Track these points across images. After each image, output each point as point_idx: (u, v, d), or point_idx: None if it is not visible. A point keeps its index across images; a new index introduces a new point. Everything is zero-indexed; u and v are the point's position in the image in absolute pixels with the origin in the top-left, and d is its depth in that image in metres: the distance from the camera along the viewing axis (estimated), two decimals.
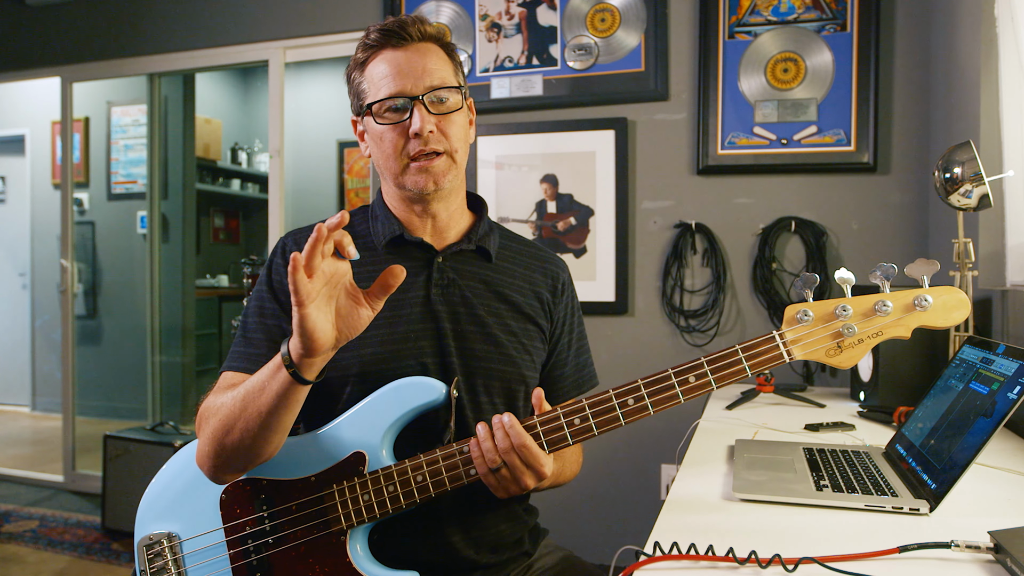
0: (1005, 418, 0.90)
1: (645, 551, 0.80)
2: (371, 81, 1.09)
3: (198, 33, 3.18)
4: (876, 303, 0.93)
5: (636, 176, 2.51)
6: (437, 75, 1.09)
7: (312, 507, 1.02)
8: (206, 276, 5.32)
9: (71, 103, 3.63)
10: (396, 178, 1.10)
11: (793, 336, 0.95)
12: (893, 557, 0.78)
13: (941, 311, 0.93)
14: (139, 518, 1.10)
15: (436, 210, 1.14)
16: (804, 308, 0.95)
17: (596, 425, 0.97)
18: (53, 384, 5.17)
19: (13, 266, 5.69)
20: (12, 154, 5.55)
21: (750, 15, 2.37)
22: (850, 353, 0.94)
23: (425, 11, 2.70)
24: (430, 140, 1.07)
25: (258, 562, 1.03)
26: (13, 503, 3.42)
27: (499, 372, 1.12)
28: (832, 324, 0.94)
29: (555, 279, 1.23)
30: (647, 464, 2.48)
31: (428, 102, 1.07)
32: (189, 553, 1.06)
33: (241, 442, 0.96)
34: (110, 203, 4.68)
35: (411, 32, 1.09)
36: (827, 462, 1.14)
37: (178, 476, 1.10)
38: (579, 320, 1.28)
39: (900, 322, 0.93)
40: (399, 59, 1.08)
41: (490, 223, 1.22)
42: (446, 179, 1.09)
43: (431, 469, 1.00)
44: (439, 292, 1.12)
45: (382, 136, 1.09)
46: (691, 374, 0.95)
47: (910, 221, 2.27)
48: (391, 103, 1.07)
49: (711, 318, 2.42)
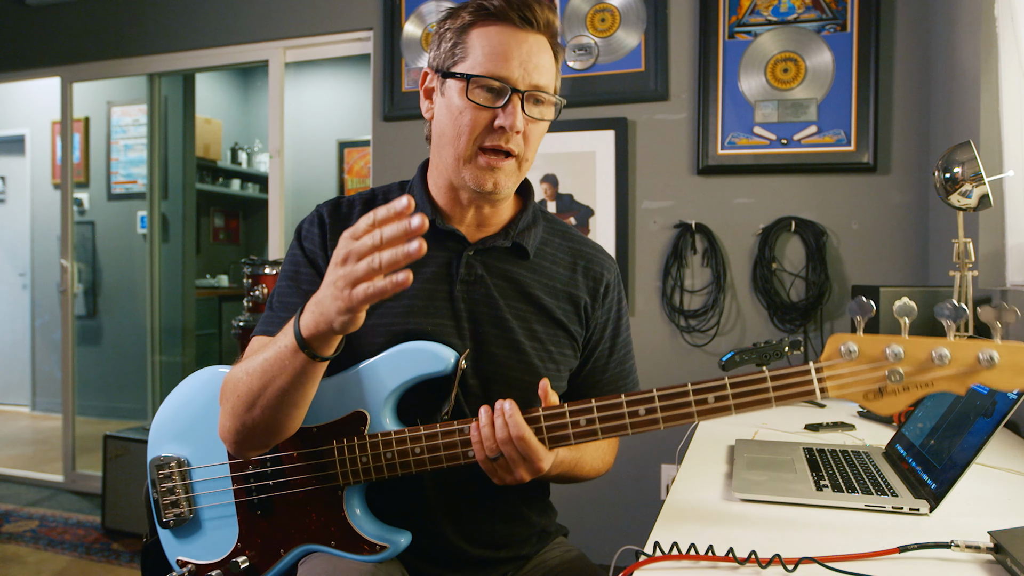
0: (1005, 418, 0.90)
1: (645, 551, 0.80)
2: (475, 49, 1.00)
3: (198, 33, 3.18)
4: (934, 351, 0.80)
5: (636, 176, 2.51)
6: (545, 76, 1.01)
7: (312, 459, 1.02)
8: (206, 276, 5.32)
9: (71, 103, 3.63)
10: (458, 161, 1.02)
11: (831, 372, 0.84)
12: (893, 557, 0.78)
13: (1009, 371, 0.78)
14: (152, 437, 1.13)
15: (483, 206, 1.08)
16: (850, 342, 0.83)
17: (601, 429, 0.92)
18: (53, 384, 5.17)
19: (13, 266, 5.69)
20: (12, 154, 5.55)
21: (750, 15, 2.37)
22: (891, 400, 0.82)
23: (425, 11, 2.70)
24: (512, 139, 1.00)
25: (259, 501, 1.05)
26: (13, 503, 3.42)
27: (518, 380, 1.06)
28: (879, 366, 0.82)
29: (598, 280, 1.14)
30: (647, 464, 2.48)
31: (527, 100, 1.00)
32: (197, 481, 1.09)
33: (263, 419, 0.95)
34: (110, 203, 4.68)
35: (538, 18, 1.01)
36: (827, 462, 1.14)
37: (191, 402, 1.12)
38: (624, 325, 1.19)
39: (957, 377, 0.80)
40: (515, 41, 0.99)
41: (535, 212, 1.14)
42: (508, 184, 1.03)
43: (429, 444, 0.98)
44: (463, 288, 1.06)
45: (463, 110, 0.99)
46: (711, 394, 0.88)
47: (910, 221, 2.27)
48: (489, 84, 0.98)
49: (711, 318, 2.42)
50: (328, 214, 1.10)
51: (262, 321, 1.08)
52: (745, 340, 2.40)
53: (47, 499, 3.49)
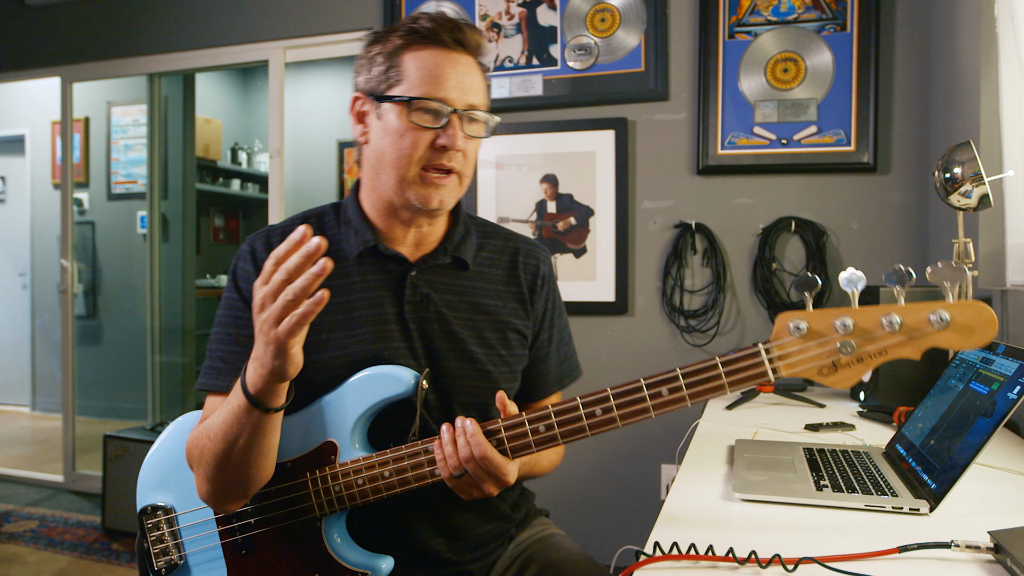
0: (1005, 418, 0.90)
1: (645, 551, 0.80)
2: (410, 72, 1.01)
3: (198, 33, 3.18)
4: (883, 318, 0.79)
5: (636, 176, 2.51)
6: (479, 95, 1.05)
7: (288, 493, 1.03)
8: (206, 276, 5.32)
9: (71, 103, 3.63)
10: (402, 183, 1.03)
11: (781, 352, 0.83)
12: (893, 557, 0.78)
13: (962, 331, 0.77)
14: (140, 486, 1.13)
15: (423, 223, 1.09)
16: (798, 319, 0.82)
17: (561, 434, 0.93)
18: (53, 384, 5.17)
19: (13, 266, 5.69)
20: (12, 154, 5.55)
21: (750, 15, 2.37)
22: (846, 373, 0.81)
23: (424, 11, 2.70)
24: (453, 157, 1.03)
25: (243, 540, 1.06)
26: (13, 503, 3.42)
27: (476, 389, 1.09)
28: (828, 340, 0.81)
29: (535, 274, 1.18)
30: (647, 464, 2.48)
31: (465, 119, 1.03)
32: (184, 527, 1.09)
33: (236, 476, 0.96)
34: (110, 203, 4.68)
35: (468, 40, 1.04)
36: (827, 462, 1.14)
37: (173, 449, 1.12)
38: (559, 312, 1.24)
39: (910, 341, 0.79)
40: (453, 64, 1.02)
41: (467, 223, 1.17)
42: (450, 200, 1.06)
43: (397, 466, 1.00)
44: (411, 309, 1.08)
45: (403, 132, 1.01)
46: (664, 387, 0.88)
47: (910, 221, 2.27)
48: (429, 106, 1.01)
49: (711, 318, 2.42)
50: (261, 247, 1.09)
51: (206, 372, 1.07)
52: (745, 340, 2.40)
53: (47, 499, 3.49)
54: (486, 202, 2.63)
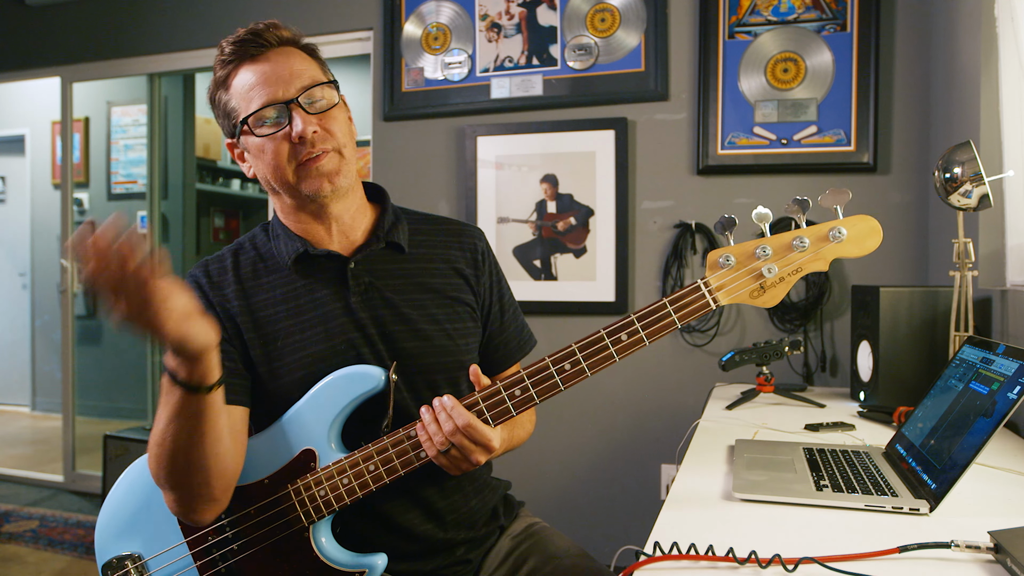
0: (1005, 418, 0.90)
1: (645, 551, 0.80)
2: (238, 96, 1.05)
3: (198, 33, 3.18)
4: (793, 239, 0.96)
5: (636, 176, 2.51)
6: (307, 75, 1.06)
7: (271, 509, 1.02)
8: None
9: (71, 103, 3.63)
10: (290, 188, 1.06)
11: (717, 283, 0.97)
12: (893, 557, 0.78)
13: (855, 241, 0.96)
14: (98, 540, 1.07)
15: (337, 212, 1.10)
16: (726, 253, 0.97)
17: (537, 394, 0.98)
18: (53, 384, 5.17)
19: (13, 266, 5.69)
20: (12, 154, 5.55)
21: (750, 15, 2.37)
22: (773, 292, 0.96)
23: (425, 11, 2.70)
24: (316, 141, 1.04)
25: (227, 570, 1.03)
26: (13, 503, 3.42)
27: (437, 365, 1.11)
28: (753, 266, 0.96)
29: (473, 251, 1.20)
30: (647, 464, 2.48)
31: (304, 104, 1.04)
32: (156, 571, 1.04)
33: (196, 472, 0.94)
34: (110, 203, 4.68)
35: (267, 38, 1.06)
36: (827, 462, 1.14)
37: (131, 492, 1.07)
38: (505, 286, 1.26)
39: (818, 256, 0.96)
40: (263, 67, 1.05)
41: (396, 211, 1.19)
42: (339, 177, 1.06)
43: (382, 458, 1.01)
44: (359, 299, 1.10)
45: (263, 148, 1.05)
46: (623, 332, 0.96)
47: (910, 221, 2.27)
48: (266, 114, 1.03)
49: (711, 318, 2.42)
50: (202, 276, 1.12)
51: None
52: (745, 340, 2.40)
53: (47, 499, 3.49)
54: (486, 202, 2.63)
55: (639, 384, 2.48)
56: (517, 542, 1.19)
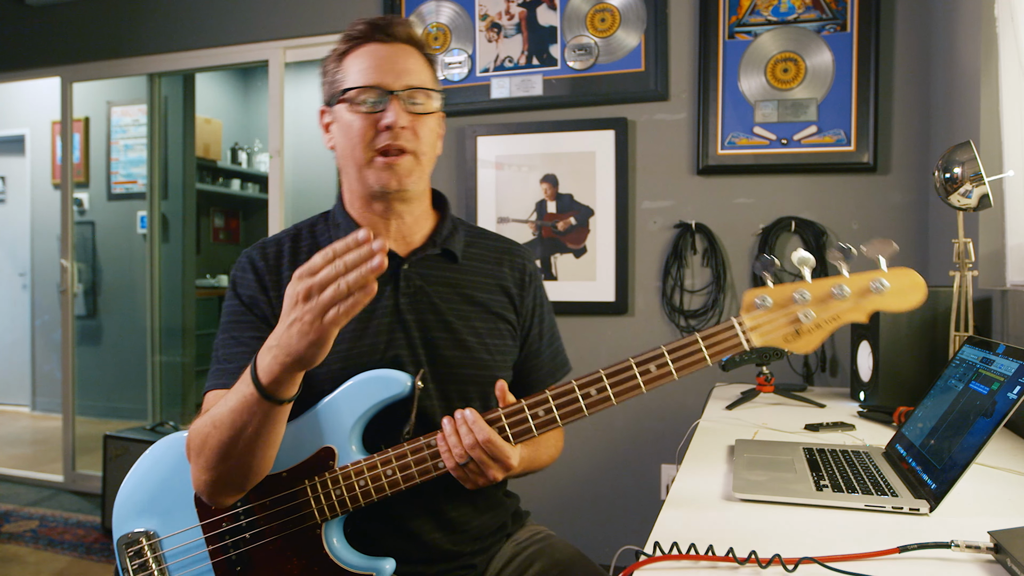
0: (1005, 418, 0.90)
1: (645, 551, 0.80)
2: (349, 71, 1.09)
3: (198, 33, 3.18)
4: (833, 287, 0.93)
5: (636, 176, 2.51)
6: (417, 76, 1.09)
7: (286, 503, 1.03)
8: (206, 276, 5.32)
9: (71, 103, 3.62)
10: (360, 170, 1.08)
11: (752, 323, 0.95)
12: (893, 557, 0.78)
13: (898, 294, 0.93)
14: (116, 516, 1.10)
15: (400, 211, 1.12)
16: (763, 294, 0.94)
17: (560, 416, 0.98)
18: (53, 384, 5.17)
19: (13, 266, 5.69)
20: (12, 154, 5.54)
21: (750, 15, 2.37)
22: (808, 339, 0.94)
23: (425, 11, 2.70)
24: (400, 136, 1.06)
25: (237, 557, 1.04)
26: (13, 503, 3.42)
27: (473, 377, 1.13)
28: (790, 310, 0.94)
29: (522, 271, 1.22)
30: (647, 464, 2.48)
31: (405, 100, 1.07)
32: (169, 551, 1.06)
33: (239, 466, 0.97)
34: (110, 203, 4.68)
35: (397, 32, 1.10)
36: (827, 462, 1.14)
37: (151, 472, 1.10)
38: (548, 309, 1.28)
39: (857, 307, 0.93)
40: (382, 53, 1.08)
41: (454, 221, 1.21)
42: (410, 180, 1.08)
43: (400, 463, 1.01)
44: (407, 301, 1.11)
45: (351, 124, 1.08)
46: (652, 363, 0.96)
47: (910, 221, 2.27)
48: (368, 93, 1.07)
49: (711, 318, 2.42)
50: (259, 257, 1.14)
51: (212, 375, 1.09)
52: None
53: (47, 499, 3.49)
54: (486, 202, 2.63)
55: None
56: (522, 547, 1.19)
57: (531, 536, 1.22)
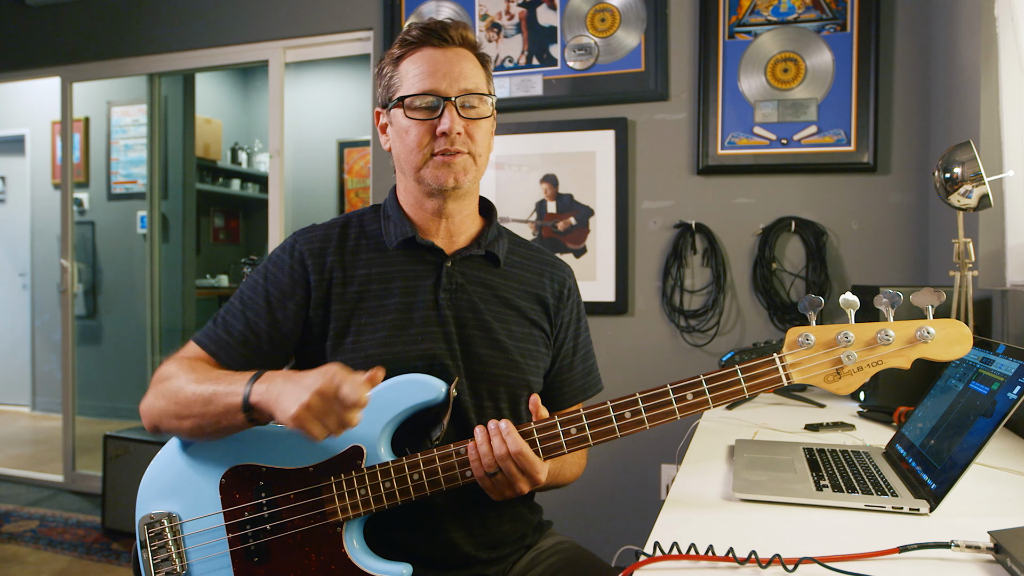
0: (1005, 418, 0.90)
1: (645, 551, 0.80)
2: (405, 76, 1.11)
3: (198, 33, 3.18)
4: (879, 332, 0.93)
5: (636, 176, 2.51)
6: (471, 80, 1.11)
7: (309, 497, 1.03)
8: (206, 276, 5.32)
9: (71, 103, 3.63)
10: (416, 171, 1.11)
11: (793, 360, 0.95)
12: (893, 557, 0.78)
13: (943, 344, 0.92)
14: (140, 495, 1.11)
15: (451, 210, 1.14)
16: (806, 332, 0.94)
17: (592, 436, 0.99)
18: (53, 384, 5.17)
19: (13, 266, 5.69)
20: (12, 154, 5.54)
21: (750, 15, 2.37)
22: (848, 380, 0.94)
23: (424, 11, 2.70)
24: (456, 141, 1.08)
25: (256, 547, 1.05)
26: (13, 503, 3.42)
27: (504, 377, 1.13)
28: (833, 351, 0.94)
29: (561, 284, 1.24)
30: (647, 464, 2.48)
31: (460, 105, 1.09)
32: (189, 534, 1.08)
33: (187, 430, 1.04)
34: (110, 203, 4.68)
35: (452, 35, 1.11)
36: (827, 462, 1.14)
37: (179, 456, 1.11)
38: (584, 326, 1.29)
39: (901, 353, 0.93)
40: (437, 58, 1.10)
41: (499, 228, 1.23)
42: (466, 177, 1.11)
43: (428, 469, 1.02)
44: (447, 296, 1.13)
45: (408, 130, 1.10)
46: (689, 391, 0.97)
47: (910, 221, 2.27)
48: (423, 100, 1.08)
49: (711, 318, 2.42)
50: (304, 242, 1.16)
51: (207, 334, 1.13)
52: (745, 340, 2.40)
53: (47, 499, 3.49)
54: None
55: (639, 384, 2.47)
56: (546, 555, 1.19)
57: (555, 544, 1.22)
